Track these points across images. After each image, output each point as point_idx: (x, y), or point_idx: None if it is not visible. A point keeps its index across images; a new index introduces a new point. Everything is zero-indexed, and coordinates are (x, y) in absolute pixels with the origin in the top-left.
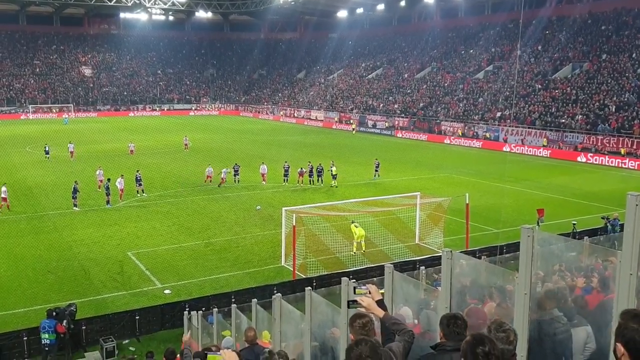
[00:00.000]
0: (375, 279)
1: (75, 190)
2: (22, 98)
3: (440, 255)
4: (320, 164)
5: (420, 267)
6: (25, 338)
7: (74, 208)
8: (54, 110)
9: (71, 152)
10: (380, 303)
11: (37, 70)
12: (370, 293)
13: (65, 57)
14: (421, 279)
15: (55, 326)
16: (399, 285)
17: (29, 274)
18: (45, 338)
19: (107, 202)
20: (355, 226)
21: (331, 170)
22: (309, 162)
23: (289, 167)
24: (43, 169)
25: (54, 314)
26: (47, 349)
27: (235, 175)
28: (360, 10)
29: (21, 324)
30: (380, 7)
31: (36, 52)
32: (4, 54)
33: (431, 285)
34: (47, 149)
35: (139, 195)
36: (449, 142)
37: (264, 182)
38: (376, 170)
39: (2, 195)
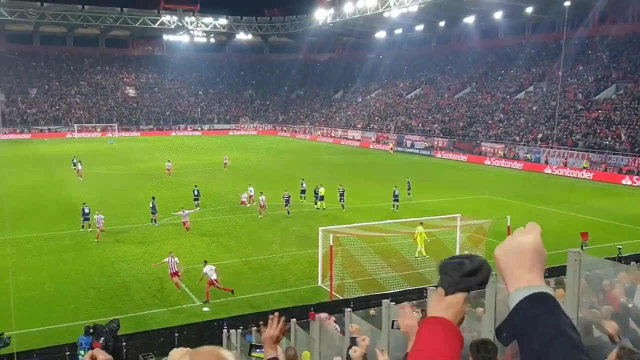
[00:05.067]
0: (414, 302)
1: (154, 207)
2: (68, 117)
3: None
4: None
5: None
6: (67, 353)
7: (154, 223)
8: (98, 130)
9: (78, 170)
10: None
11: (83, 90)
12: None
13: (110, 78)
14: None
15: (91, 343)
16: None
17: (72, 290)
18: (81, 355)
19: (153, 220)
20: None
21: (317, 192)
22: (340, 185)
23: (305, 187)
24: (87, 187)
25: (91, 330)
26: None
27: (285, 205)
28: (399, 31)
29: (64, 339)
30: (419, 27)
31: (82, 73)
32: (52, 75)
33: (473, 309)
34: (74, 161)
35: (195, 209)
36: (489, 163)
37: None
38: (408, 189)
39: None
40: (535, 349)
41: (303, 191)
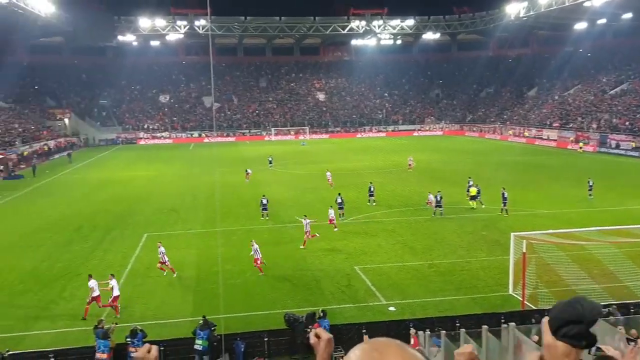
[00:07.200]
0: (621, 317)
1: (264, 204)
2: (266, 121)
3: None
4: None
5: None
6: (265, 339)
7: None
8: (292, 132)
9: (247, 174)
10: None
11: (279, 96)
12: None
13: (302, 84)
14: None
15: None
16: None
17: (269, 280)
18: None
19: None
20: None
21: (468, 191)
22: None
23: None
24: (284, 186)
25: (320, 315)
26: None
27: (437, 206)
28: (602, 21)
29: (262, 325)
30: (627, 15)
31: (279, 80)
32: (253, 83)
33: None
34: (270, 159)
35: (369, 204)
36: None
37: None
38: (589, 190)
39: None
40: None
41: (469, 189)
